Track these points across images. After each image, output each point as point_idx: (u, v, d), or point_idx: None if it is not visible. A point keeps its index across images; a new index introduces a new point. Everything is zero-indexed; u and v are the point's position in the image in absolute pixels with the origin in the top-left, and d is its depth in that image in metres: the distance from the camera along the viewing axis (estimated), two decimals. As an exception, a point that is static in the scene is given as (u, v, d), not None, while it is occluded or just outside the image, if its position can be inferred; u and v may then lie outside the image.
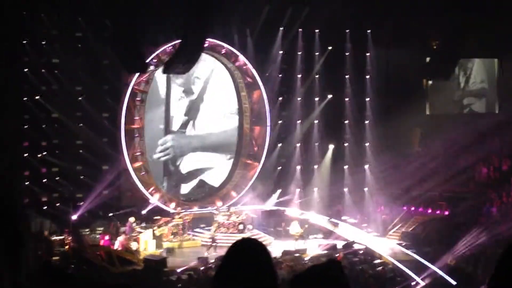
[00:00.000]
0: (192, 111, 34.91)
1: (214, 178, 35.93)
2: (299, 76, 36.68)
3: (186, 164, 35.16)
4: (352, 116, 36.98)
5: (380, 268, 25.96)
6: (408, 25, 31.51)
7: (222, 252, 3.55)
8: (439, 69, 25.67)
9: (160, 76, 33.37)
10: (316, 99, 36.95)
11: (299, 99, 36.80)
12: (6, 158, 28.01)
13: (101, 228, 30.89)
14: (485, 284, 3.41)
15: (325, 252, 29.49)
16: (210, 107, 35.19)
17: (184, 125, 34.89)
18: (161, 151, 34.43)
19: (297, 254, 28.65)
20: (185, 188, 35.32)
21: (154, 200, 32.23)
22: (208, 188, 35.79)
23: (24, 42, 30.42)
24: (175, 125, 34.66)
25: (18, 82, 30.36)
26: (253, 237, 29.77)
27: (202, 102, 35.03)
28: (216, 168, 35.95)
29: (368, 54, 36.66)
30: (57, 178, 31.49)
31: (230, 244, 3.45)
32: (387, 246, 30.24)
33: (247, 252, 3.39)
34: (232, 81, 35.62)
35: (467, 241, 26.58)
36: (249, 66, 34.61)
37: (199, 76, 34.73)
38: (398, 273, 25.11)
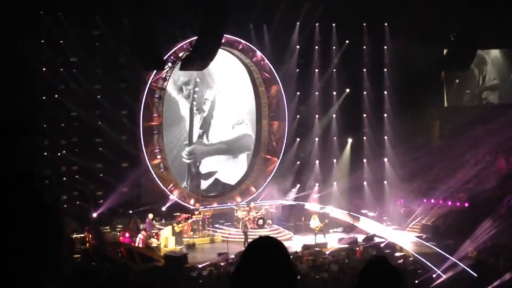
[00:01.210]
0: (205, 125, 35.82)
1: (227, 177, 36.47)
2: (317, 70, 36.64)
3: (204, 166, 35.91)
4: (370, 109, 36.91)
5: (401, 261, 25.89)
6: (425, 17, 31.35)
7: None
8: (457, 61, 25.50)
9: (182, 100, 34.70)
10: (334, 93, 36.86)
11: (317, 93, 36.75)
12: (27, 156, 28.15)
13: (121, 226, 30.96)
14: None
15: (346, 246, 29.49)
16: (218, 121, 36.02)
17: (201, 137, 35.79)
18: (186, 156, 35.18)
19: (317, 248, 28.61)
20: (204, 185, 35.75)
21: (174, 196, 32.36)
22: (222, 185, 36.28)
23: (42, 41, 30.57)
24: (194, 137, 35.67)
25: (36, 82, 30.49)
26: (273, 232, 29.94)
27: (212, 118, 35.86)
28: (228, 169, 36.54)
29: (385, 47, 36.55)
30: (77, 176, 31.65)
31: (250, 239, 3.48)
32: (407, 239, 30.20)
33: (265, 251, 3.39)
34: (249, 77, 35.72)
35: (488, 232, 26.47)
36: (267, 61, 34.62)
37: (208, 98, 35.59)
38: (419, 266, 25.08)
